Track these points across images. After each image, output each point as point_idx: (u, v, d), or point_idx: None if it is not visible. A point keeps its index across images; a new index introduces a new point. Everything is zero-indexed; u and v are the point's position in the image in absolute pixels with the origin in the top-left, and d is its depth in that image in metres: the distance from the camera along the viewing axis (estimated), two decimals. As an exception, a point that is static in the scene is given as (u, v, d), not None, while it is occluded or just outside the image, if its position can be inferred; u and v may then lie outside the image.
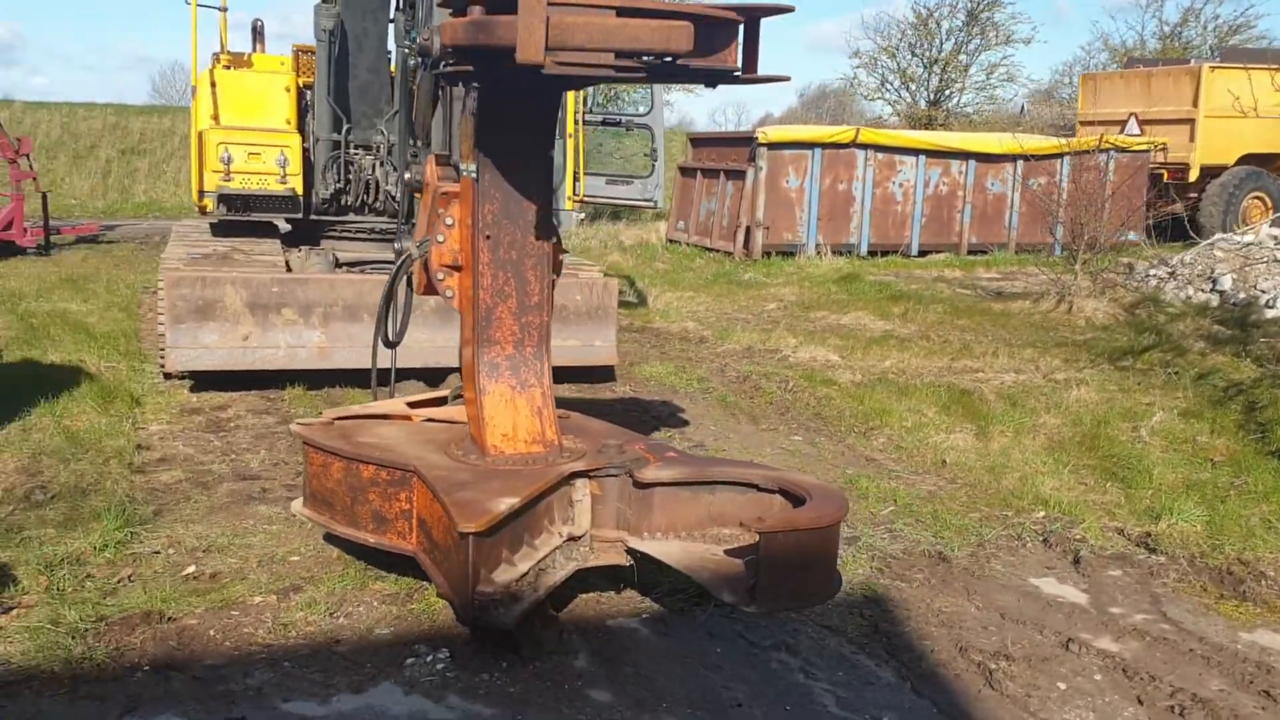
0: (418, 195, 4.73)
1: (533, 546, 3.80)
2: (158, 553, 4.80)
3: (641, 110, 11.13)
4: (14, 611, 4.11)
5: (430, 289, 4.42)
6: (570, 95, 9.01)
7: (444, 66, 3.73)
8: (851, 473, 6.44)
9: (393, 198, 8.64)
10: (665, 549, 3.95)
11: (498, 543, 3.59)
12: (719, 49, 3.69)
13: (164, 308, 7.46)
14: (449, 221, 4.30)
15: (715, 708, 3.74)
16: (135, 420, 6.85)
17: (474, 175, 4.08)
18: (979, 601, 4.69)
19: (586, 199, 9.69)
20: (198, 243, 9.00)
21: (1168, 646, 4.32)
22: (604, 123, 10.50)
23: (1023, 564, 5.15)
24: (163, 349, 7.59)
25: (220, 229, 9.51)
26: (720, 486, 4.08)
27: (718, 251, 17.60)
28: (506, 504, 3.58)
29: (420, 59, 5.01)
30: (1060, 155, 16.83)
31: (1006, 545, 5.36)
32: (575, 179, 9.17)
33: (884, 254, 17.71)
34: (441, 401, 4.91)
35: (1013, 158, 17.52)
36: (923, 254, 18.07)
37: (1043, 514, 5.75)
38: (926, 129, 28.13)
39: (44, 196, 17.70)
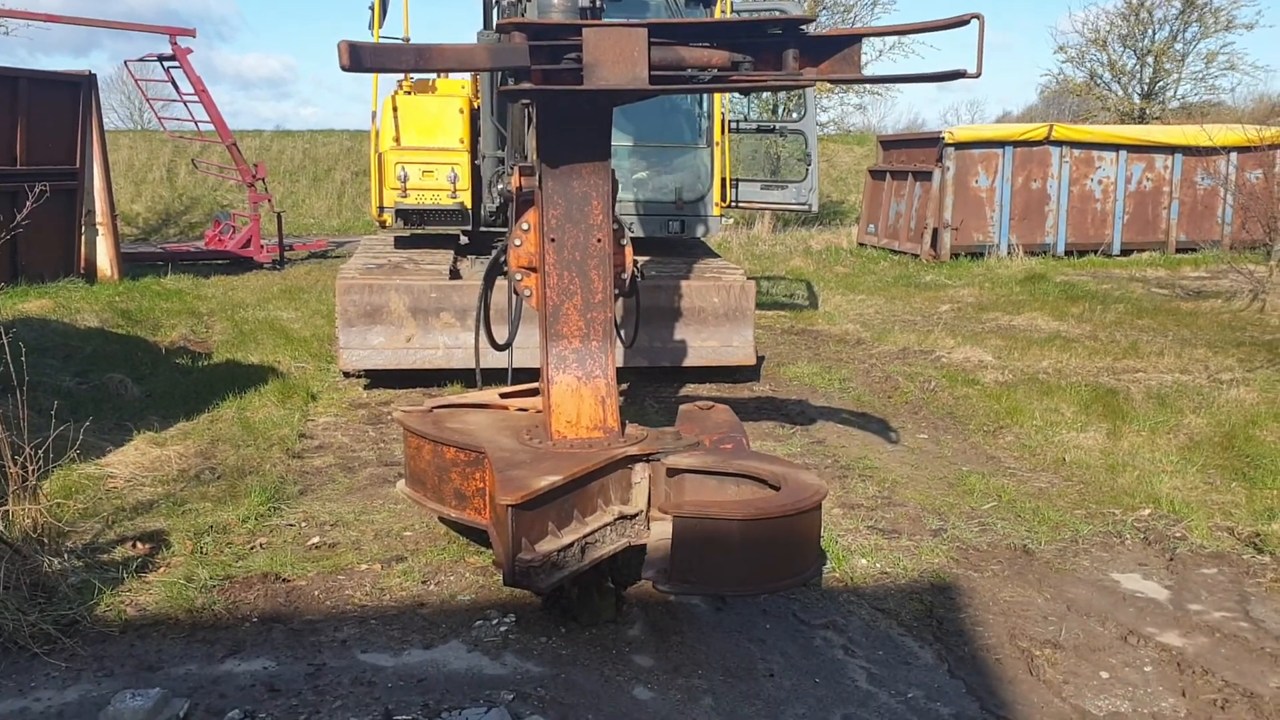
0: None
1: (581, 521, 4.12)
2: (292, 525, 5.43)
3: (795, 116, 11.26)
4: (162, 569, 4.80)
5: None
6: (716, 104, 9.27)
7: (500, 86, 4.13)
8: (966, 469, 6.45)
9: (498, 209, 8.92)
10: (666, 529, 4.17)
11: (541, 515, 3.93)
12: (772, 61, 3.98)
13: (338, 312, 8.26)
14: (524, 227, 4.69)
15: (748, 676, 3.98)
16: (306, 413, 7.63)
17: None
18: (1048, 593, 4.69)
19: (739, 204, 9.88)
20: (380, 254, 9.79)
21: (1237, 644, 4.21)
22: (758, 130, 10.70)
23: (1113, 560, 5.07)
24: (337, 350, 8.39)
25: (403, 242, 10.29)
26: (744, 478, 4.28)
27: (905, 254, 17.41)
28: (547, 481, 3.92)
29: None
30: (1276, 146, 15.72)
31: (1101, 541, 5.28)
32: (724, 185, 9.39)
33: (1082, 254, 17.06)
34: (533, 393, 5.31)
35: (1225, 150, 16.46)
36: (1126, 253, 17.29)
37: (1149, 511, 5.61)
38: (1140, 123, 26.63)
39: (279, 217, 19.50)
